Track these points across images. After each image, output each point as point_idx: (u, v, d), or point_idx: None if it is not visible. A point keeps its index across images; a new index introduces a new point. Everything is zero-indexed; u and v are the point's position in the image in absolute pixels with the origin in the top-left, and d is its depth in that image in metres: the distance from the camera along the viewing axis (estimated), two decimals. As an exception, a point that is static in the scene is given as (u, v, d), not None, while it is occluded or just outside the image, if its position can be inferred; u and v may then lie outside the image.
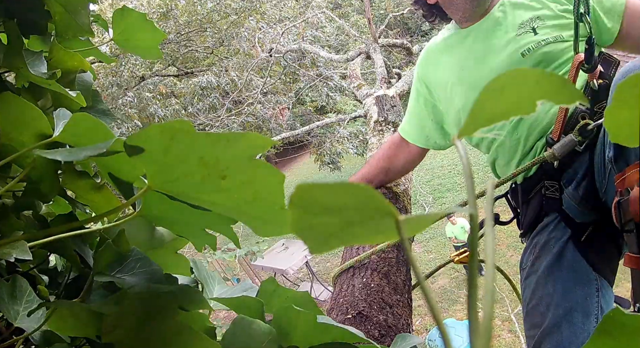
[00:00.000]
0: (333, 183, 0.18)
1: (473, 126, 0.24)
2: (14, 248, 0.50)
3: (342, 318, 1.12)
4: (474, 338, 0.19)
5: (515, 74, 0.25)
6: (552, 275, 1.20)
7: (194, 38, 10.11)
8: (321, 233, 0.20)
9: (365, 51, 4.68)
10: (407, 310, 1.23)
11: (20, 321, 0.52)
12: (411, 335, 0.68)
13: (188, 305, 0.53)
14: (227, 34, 9.52)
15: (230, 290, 0.65)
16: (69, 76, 0.75)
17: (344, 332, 0.54)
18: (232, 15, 9.46)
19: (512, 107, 0.25)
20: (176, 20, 9.41)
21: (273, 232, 0.44)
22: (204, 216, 0.48)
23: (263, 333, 0.49)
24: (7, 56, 0.62)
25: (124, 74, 9.08)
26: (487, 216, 0.24)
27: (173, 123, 0.35)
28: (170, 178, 0.39)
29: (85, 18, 0.79)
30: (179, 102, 9.85)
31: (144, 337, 0.46)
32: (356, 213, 0.19)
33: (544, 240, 1.27)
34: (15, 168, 0.63)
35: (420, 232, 0.21)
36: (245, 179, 0.38)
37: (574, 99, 0.25)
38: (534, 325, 1.21)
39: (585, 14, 1.18)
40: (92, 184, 0.64)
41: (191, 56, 10.58)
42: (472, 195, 0.20)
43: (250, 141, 0.35)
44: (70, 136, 0.52)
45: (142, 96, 9.27)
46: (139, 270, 0.53)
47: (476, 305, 0.20)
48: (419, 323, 7.20)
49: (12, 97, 0.53)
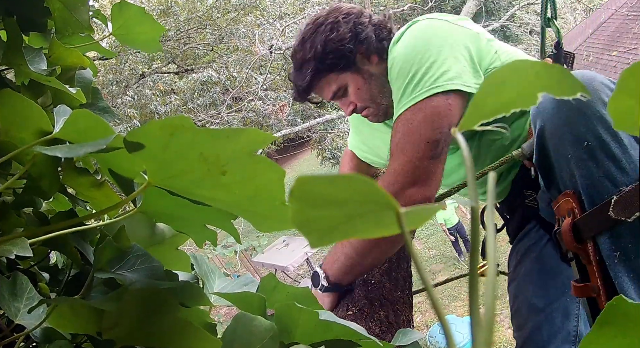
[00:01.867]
0: (333, 176, 0.18)
1: (475, 118, 0.24)
2: (14, 245, 0.50)
3: (343, 314, 1.12)
4: (476, 333, 0.18)
5: (516, 67, 0.25)
6: (531, 279, 1.21)
7: (193, 35, 10.11)
8: (322, 227, 0.20)
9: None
10: (408, 306, 1.23)
11: (21, 318, 0.52)
12: (412, 330, 0.68)
13: (189, 302, 0.53)
14: (227, 31, 9.52)
15: (230, 284, 0.65)
16: (69, 72, 0.75)
17: (345, 329, 0.54)
18: (232, 12, 9.46)
19: (513, 100, 0.25)
20: (176, 18, 9.41)
21: (273, 227, 0.44)
22: (204, 212, 0.48)
23: (264, 330, 0.49)
24: (7, 53, 0.62)
25: (124, 72, 9.09)
26: (488, 213, 0.24)
27: (173, 119, 0.35)
28: (170, 174, 0.39)
29: (84, 14, 0.79)
30: (179, 98, 9.84)
31: (145, 333, 0.46)
32: (357, 205, 0.19)
33: (525, 246, 1.28)
34: (16, 165, 0.63)
35: (421, 225, 0.21)
36: (245, 175, 0.38)
37: (575, 90, 0.25)
38: (518, 327, 1.22)
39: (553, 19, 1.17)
40: (93, 181, 0.64)
41: (191, 53, 10.58)
42: (473, 188, 0.20)
43: (250, 137, 0.35)
44: (70, 133, 0.52)
45: (142, 93, 9.27)
46: (140, 266, 0.53)
47: (478, 301, 0.19)
48: (420, 320, 7.21)
49: (12, 94, 0.53)
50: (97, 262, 0.52)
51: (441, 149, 1.10)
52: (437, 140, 1.09)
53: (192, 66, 10.69)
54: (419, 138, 1.09)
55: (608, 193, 0.84)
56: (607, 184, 0.84)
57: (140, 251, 0.54)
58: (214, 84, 9.45)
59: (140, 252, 0.54)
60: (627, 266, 0.81)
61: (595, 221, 0.85)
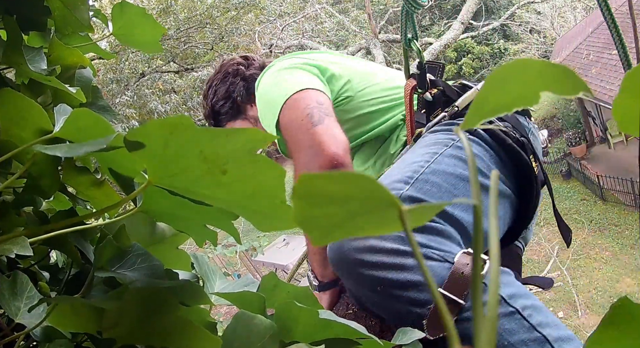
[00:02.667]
0: (336, 173, 0.18)
1: (477, 117, 0.24)
2: (14, 245, 0.50)
3: (343, 313, 1.12)
4: (479, 332, 0.18)
5: (518, 65, 0.24)
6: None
7: (193, 34, 10.10)
8: (324, 224, 0.20)
9: (366, 46, 4.67)
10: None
11: (21, 317, 0.52)
12: (412, 329, 0.68)
13: (189, 300, 0.53)
14: (227, 29, 9.51)
15: (231, 284, 0.65)
16: (69, 72, 0.75)
17: (345, 328, 0.54)
18: (232, 10, 9.46)
19: (515, 99, 0.25)
20: (176, 17, 9.41)
21: (274, 227, 0.44)
22: (204, 212, 0.48)
23: (264, 329, 0.49)
24: (7, 52, 0.62)
25: (124, 71, 9.08)
26: (491, 210, 0.23)
27: (173, 118, 0.35)
28: (170, 173, 0.39)
29: (84, 13, 0.79)
30: (179, 97, 9.84)
31: (145, 332, 0.46)
32: (360, 203, 0.19)
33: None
34: (16, 164, 0.63)
35: (423, 223, 0.21)
36: (245, 173, 0.37)
37: (578, 90, 0.25)
38: None
39: (414, 39, 1.20)
40: (93, 180, 0.64)
41: (191, 52, 10.57)
42: (475, 186, 0.20)
43: (250, 136, 0.35)
44: (70, 132, 0.52)
45: (142, 92, 9.26)
46: (140, 265, 0.53)
47: (481, 299, 0.19)
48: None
49: (12, 93, 0.53)
50: (97, 261, 0.52)
51: (318, 115, 1.18)
52: (310, 113, 1.19)
53: (192, 65, 10.68)
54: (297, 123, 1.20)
55: (420, 318, 0.84)
56: (416, 310, 0.85)
57: (140, 250, 0.54)
58: (214, 82, 9.43)
59: (140, 251, 0.54)
60: None
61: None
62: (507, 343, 0.81)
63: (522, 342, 0.81)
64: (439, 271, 0.85)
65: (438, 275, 0.85)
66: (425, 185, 0.99)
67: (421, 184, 0.99)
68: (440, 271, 0.85)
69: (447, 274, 0.84)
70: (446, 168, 1.03)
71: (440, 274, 0.85)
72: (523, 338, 0.81)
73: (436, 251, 0.88)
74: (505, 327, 0.82)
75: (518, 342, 0.81)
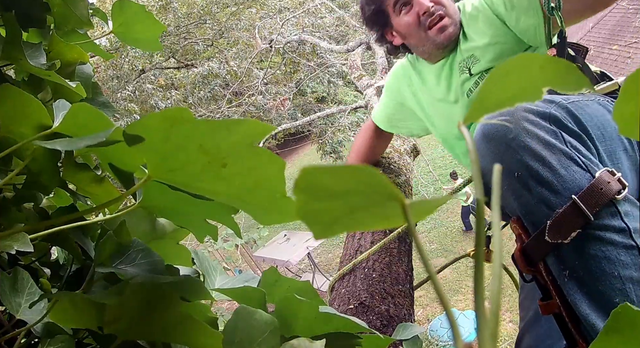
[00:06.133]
0: (338, 166, 0.18)
1: (479, 112, 0.24)
2: (15, 241, 0.50)
3: (344, 308, 1.12)
4: (482, 326, 0.18)
5: (521, 60, 0.24)
6: None
7: (193, 30, 10.07)
8: (326, 218, 0.20)
9: (366, 41, 4.65)
10: (409, 300, 1.23)
11: (23, 313, 0.52)
12: (413, 324, 0.68)
13: (190, 296, 0.53)
14: (227, 25, 9.49)
15: (231, 280, 0.65)
16: (69, 67, 0.75)
17: (346, 322, 0.54)
18: (232, 6, 9.43)
19: (517, 94, 0.24)
20: (175, 13, 9.38)
21: (274, 220, 0.44)
22: (205, 206, 0.48)
23: (265, 323, 0.49)
24: (6, 47, 0.61)
25: (124, 67, 9.06)
26: (494, 206, 0.23)
27: (172, 111, 0.34)
28: (170, 167, 0.39)
29: (84, 10, 0.79)
30: (179, 93, 9.82)
31: (146, 327, 0.46)
32: (362, 197, 0.19)
33: None
34: (16, 160, 0.63)
35: (425, 218, 0.20)
36: (246, 166, 0.37)
37: (580, 85, 0.24)
38: (521, 318, 1.25)
39: (557, 9, 1.18)
40: (93, 177, 0.64)
41: (191, 48, 10.54)
42: (478, 181, 0.20)
43: (250, 128, 0.35)
44: (70, 127, 0.51)
45: (143, 88, 9.25)
46: (141, 261, 0.53)
47: (483, 295, 0.19)
48: (421, 314, 7.22)
49: (11, 89, 0.53)
50: (98, 257, 0.51)
51: None
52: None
53: (192, 61, 10.65)
54: None
55: (545, 217, 0.85)
56: (543, 208, 0.86)
57: (141, 246, 0.54)
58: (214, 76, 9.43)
59: (141, 247, 0.54)
60: (577, 283, 0.81)
61: (537, 246, 0.86)
62: (617, 275, 0.80)
63: (631, 279, 0.79)
64: (579, 179, 0.84)
65: (577, 182, 0.84)
66: (579, 109, 0.96)
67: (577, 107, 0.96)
68: (581, 179, 0.84)
69: (585, 185, 0.83)
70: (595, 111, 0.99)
71: (579, 181, 0.84)
72: (634, 276, 0.80)
73: (582, 158, 0.87)
74: (621, 258, 0.81)
75: (627, 278, 0.79)
